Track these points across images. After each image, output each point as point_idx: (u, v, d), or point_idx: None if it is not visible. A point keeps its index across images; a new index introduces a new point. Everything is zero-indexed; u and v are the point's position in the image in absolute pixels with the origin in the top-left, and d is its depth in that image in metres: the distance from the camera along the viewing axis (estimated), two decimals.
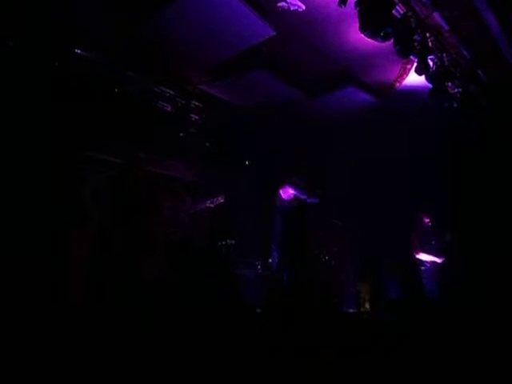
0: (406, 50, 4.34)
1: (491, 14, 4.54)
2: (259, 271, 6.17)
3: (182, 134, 6.64)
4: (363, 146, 7.42)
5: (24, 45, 4.73)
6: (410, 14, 4.34)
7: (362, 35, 4.04)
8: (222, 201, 5.41)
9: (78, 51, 5.16)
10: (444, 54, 5.02)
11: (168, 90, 6.32)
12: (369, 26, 3.91)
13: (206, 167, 7.04)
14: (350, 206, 8.22)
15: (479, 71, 5.60)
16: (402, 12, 4.30)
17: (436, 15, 4.55)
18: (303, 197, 6.14)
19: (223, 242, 6.57)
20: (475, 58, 5.33)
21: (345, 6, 3.82)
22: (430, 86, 5.13)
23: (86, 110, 5.27)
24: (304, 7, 4.40)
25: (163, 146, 6.40)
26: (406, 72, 5.84)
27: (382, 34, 3.88)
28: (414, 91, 6.03)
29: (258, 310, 4.64)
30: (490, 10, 4.47)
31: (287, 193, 6.11)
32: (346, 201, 8.10)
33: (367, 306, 8.23)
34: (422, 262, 6.48)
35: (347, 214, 8.42)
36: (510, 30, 4.79)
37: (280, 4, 4.36)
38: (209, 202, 5.45)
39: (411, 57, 4.70)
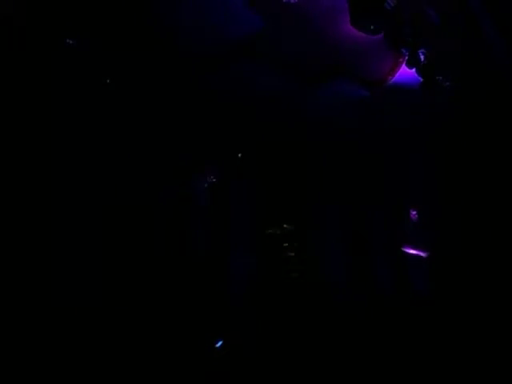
0: (397, 43, 4.38)
1: (482, 8, 4.58)
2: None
3: None
4: (353, 139, 7.45)
5: (14, 35, 4.68)
6: (401, 7, 4.36)
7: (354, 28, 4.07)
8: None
9: (70, 41, 5.12)
10: (434, 48, 5.06)
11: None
12: (360, 18, 3.94)
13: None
14: (340, 200, 8.26)
15: (469, 65, 5.64)
16: (393, 5, 4.32)
17: (427, 9, 4.58)
18: None
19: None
20: (465, 52, 5.38)
21: None
22: (420, 79, 5.19)
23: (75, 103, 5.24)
24: None
25: None
26: (397, 65, 5.86)
27: (372, 27, 3.90)
28: (404, 85, 6.07)
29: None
30: (481, 5, 4.51)
31: None
32: (335, 195, 8.15)
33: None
34: (408, 254, 6.58)
35: (338, 208, 8.46)
36: (500, 24, 4.83)
37: None
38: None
39: (402, 50, 4.74)
